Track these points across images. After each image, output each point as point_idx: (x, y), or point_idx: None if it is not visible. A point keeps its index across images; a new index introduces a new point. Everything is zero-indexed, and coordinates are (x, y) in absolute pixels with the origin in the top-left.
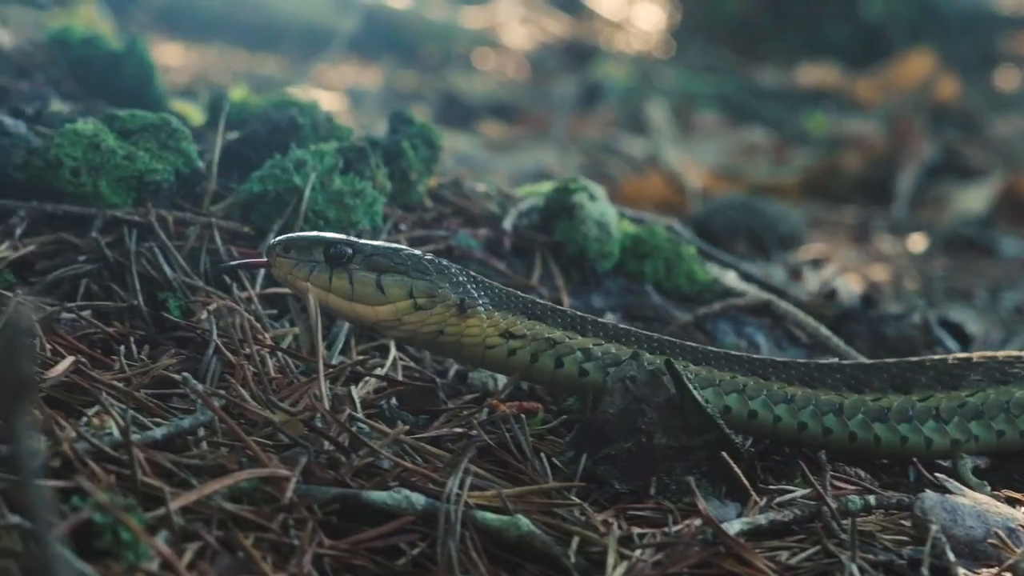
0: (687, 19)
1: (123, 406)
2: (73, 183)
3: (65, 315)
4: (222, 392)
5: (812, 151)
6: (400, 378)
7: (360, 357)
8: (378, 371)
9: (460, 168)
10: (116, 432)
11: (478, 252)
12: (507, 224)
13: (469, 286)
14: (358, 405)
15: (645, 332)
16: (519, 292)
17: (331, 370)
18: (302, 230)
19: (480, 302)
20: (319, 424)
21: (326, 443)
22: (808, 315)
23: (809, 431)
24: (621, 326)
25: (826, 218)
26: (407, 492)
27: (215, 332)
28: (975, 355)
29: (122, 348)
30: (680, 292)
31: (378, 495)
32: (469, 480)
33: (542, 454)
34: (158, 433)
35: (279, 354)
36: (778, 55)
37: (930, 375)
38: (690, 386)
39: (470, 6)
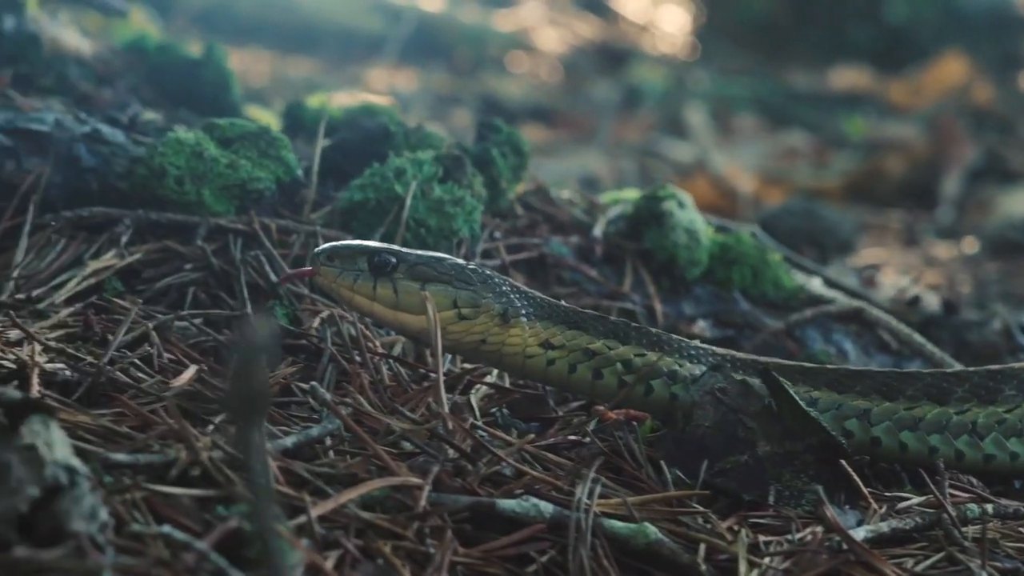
0: (711, 21)
1: None
2: (177, 191)
3: (177, 323)
4: (349, 401)
5: (852, 155)
6: (507, 385)
7: (467, 365)
8: (488, 379)
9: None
10: None
11: (570, 260)
12: (597, 231)
13: (512, 296)
14: (477, 413)
15: (687, 341)
16: (562, 302)
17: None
18: (404, 239)
19: (523, 312)
20: (442, 432)
21: (450, 451)
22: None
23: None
24: (664, 334)
25: (872, 222)
26: (535, 500)
27: (329, 341)
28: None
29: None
30: (767, 299)
31: (508, 503)
32: (599, 488)
33: (661, 463)
34: (289, 442)
35: (390, 362)
36: (802, 57)
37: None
38: (789, 390)
39: (501, 9)
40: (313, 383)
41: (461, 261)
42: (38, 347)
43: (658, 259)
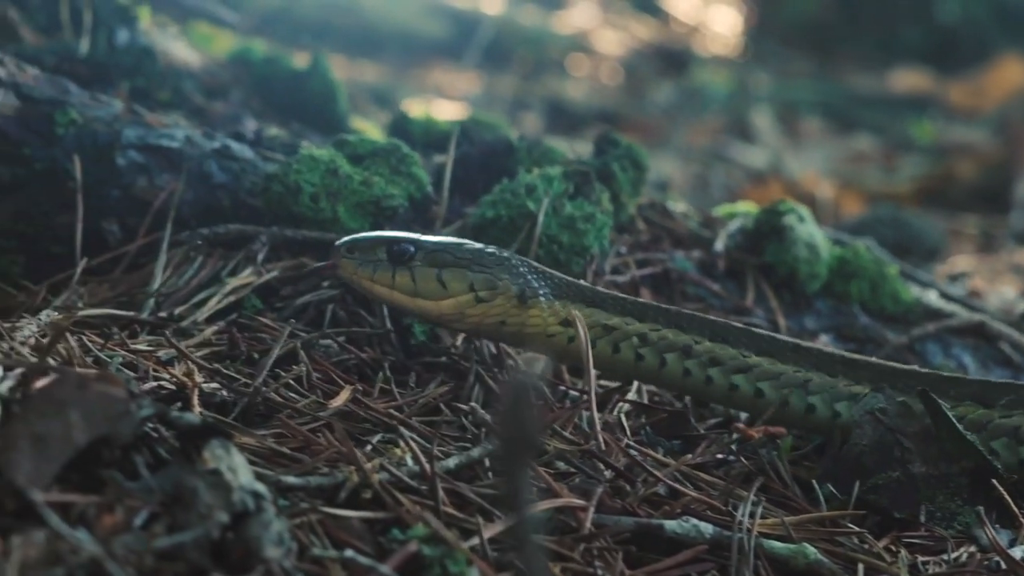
0: (761, 21)
1: (412, 434)
2: (312, 208)
3: (321, 341)
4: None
5: (921, 159)
6: (646, 402)
7: (608, 384)
8: (630, 396)
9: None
10: (410, 462)
11: (694, 274)
12: (719, 246)
13: (529, 276)
14: (627, 432)
15: (704, 317)
16: (579, 280)
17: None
18: (537, 255)
19: (540, 292)
20: (597, 451)
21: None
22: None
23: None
24: (683, 311)
25: (946, 227)
26: (695, 521)
27: (475, 358)
28: None
29: (388, 375)
30: (885, 312)
31: (669, 524)
32: (760, 510)
33: (813, 482)
34: (451, 463)
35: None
36: (853, 57)
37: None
38: (948, 414)
39: (559, 12)
40: (472, 404)
41: (479, 245)
42: (193, 367)
43: (779, 273)
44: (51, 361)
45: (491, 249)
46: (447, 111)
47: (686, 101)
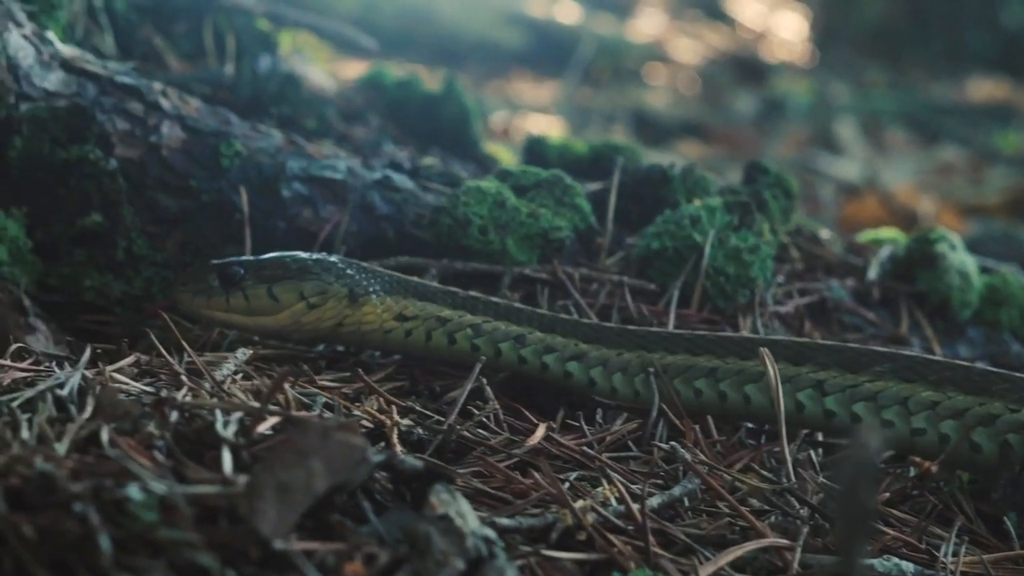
0: (827, 27)
1: (616, 474)
2: (481, 241)
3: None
4: (703, 458)
5: (1007, 169)
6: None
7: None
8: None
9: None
10: (614, 502)
11: (849, 303)
12: (872, 274)
13: (358, 276)
14: (818, 468)
15: (536, 311)
16: (409, 277)
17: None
18: (704, 287)
19: (371, 290)
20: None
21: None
22: None
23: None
24: (513, 304)
25: None
26: (896, 559)
27: (657, 396)
28: None
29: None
30: None
31: (876, 563)
32: (963, 549)
33: (1005, 519)
34: (655, 502)
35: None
36: (920, 63)
37: None
38: None
39: (631, 20)
40: (673, 443)
41: (304, 254)
42: (386, 403)
43: (932, 301)
44: (271, 406)
45: (318, 256)
46: (541, 125)
47: (768, 112)
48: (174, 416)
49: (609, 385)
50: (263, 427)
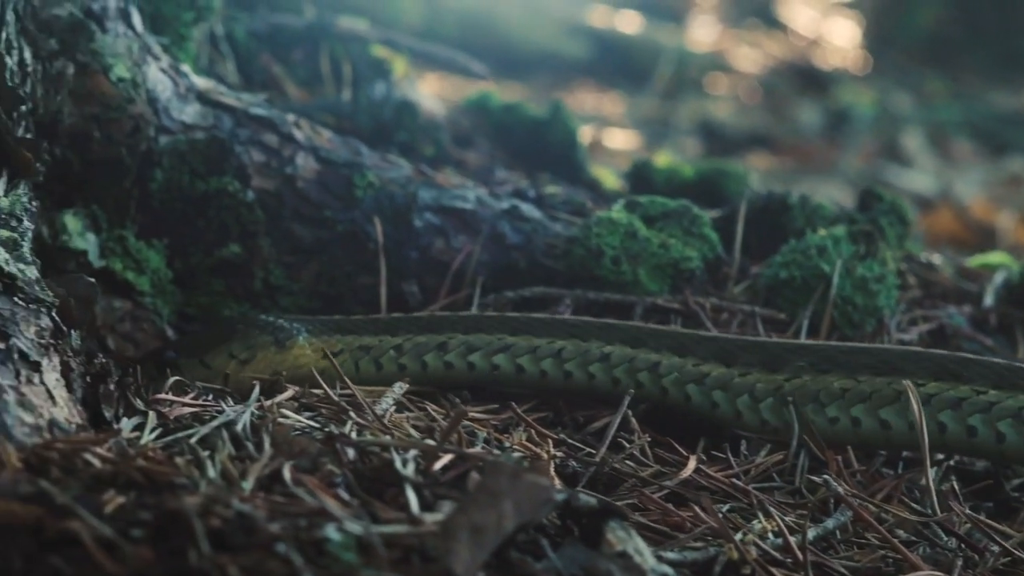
0: (879, 34)
1: (772, 507)
2: (614, 271)
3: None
4: (852, 491)
5: None
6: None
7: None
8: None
9: None
10: (771, 534)
11: (967, 330)
12: (988, 301)
13: (279, 323)
14: (960, 498)
15: (456, 315)
16: (333, 316)
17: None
18: (832, 317)
19: (296, 334)
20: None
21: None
22: None
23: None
24: (435, 314)
25: None
26: None
27: (798, 427)
28: None
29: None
30: None
31: None
32: None
33: None
34: (811, 535)
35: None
36: (974, 70)
37: None
38: None
39: (682, 27)
40: (826, 476)
41: (228, 316)
42: (533, 434)
43: None
44: (449, 444)
45: (238, 315)
46: (619, 140)
47: (834, 122)
48: (351, 454)
49: (537, 369)
50: (439, 464)
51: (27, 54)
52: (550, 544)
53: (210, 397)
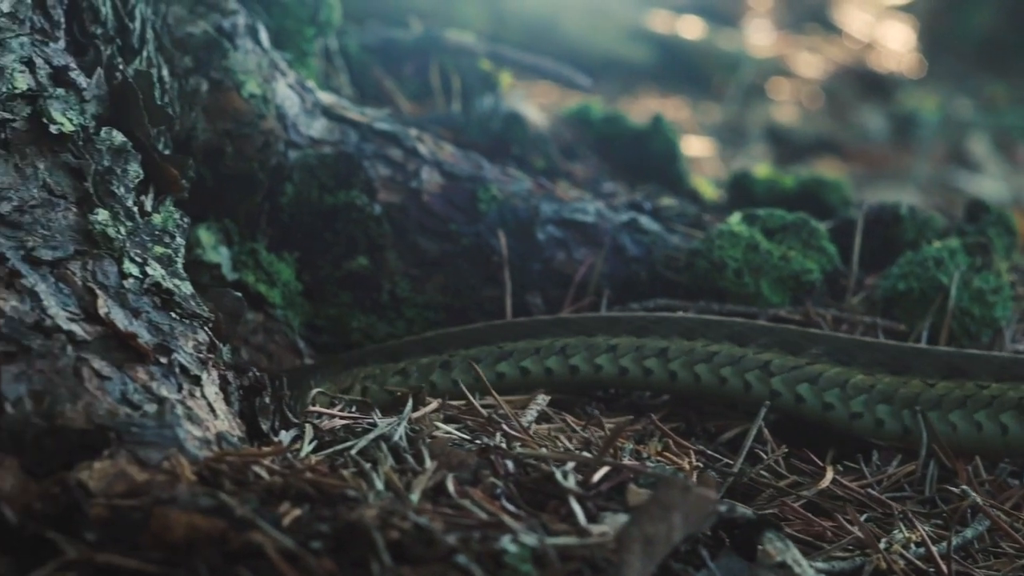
0: (932, 37)
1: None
2: (736, 283)
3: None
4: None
5: None
6: None
7: None
8: None
9: None
10: (913, 544)
11: None
12: None
13: None
14: None
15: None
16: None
17: None
18: (950, 328)
19: None
20: None
21: None
22: None
23: None
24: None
25: None
26: None
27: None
28: None
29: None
30: None
31: None
32: None
33: None
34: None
35: None
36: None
37: None
38: None
39: (745, 32)
40: (963, 487)
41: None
42: (670, 444)
43: None
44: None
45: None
46: (695, 147)
47: (899, 128)
48: (510, 466)
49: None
50: (596, 476)
51: (165, 72)
52: (708, 554)
53: (353, 409)
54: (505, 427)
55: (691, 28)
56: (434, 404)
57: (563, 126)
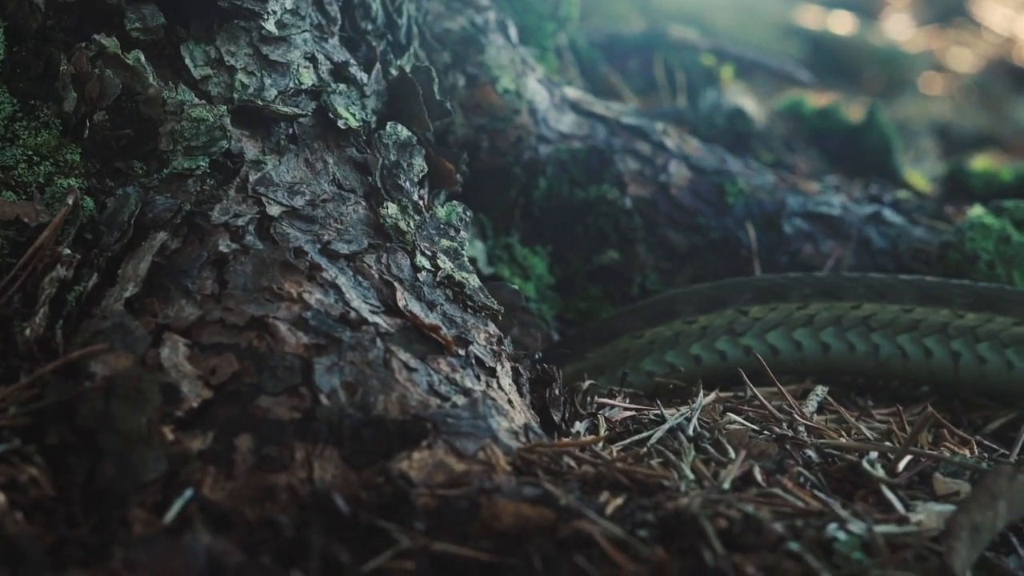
0: None
1: None
2: (988, 275)
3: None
4: None
5: None
6: None
7: None
8: None
9: None
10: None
11: None
12: None
13: None
14: None
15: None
16: None
17: None
18: None
19: None
20: None
21: None
22: None
23: None
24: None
25: None
26: None
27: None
28: None
29: None
30: None
31: None
32: None
33: None
34: None
35: None
36: None
37: None
38: None
39: (884, 25)
40: None
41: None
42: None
43: None
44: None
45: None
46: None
47: None
48: (812, 455)
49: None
50: (900, 465)
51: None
52: (1018, 541)
53: (627, 401)
54: (796, 417)
55: (842, 23)
56: (712, 395)
57: (777, 120)
